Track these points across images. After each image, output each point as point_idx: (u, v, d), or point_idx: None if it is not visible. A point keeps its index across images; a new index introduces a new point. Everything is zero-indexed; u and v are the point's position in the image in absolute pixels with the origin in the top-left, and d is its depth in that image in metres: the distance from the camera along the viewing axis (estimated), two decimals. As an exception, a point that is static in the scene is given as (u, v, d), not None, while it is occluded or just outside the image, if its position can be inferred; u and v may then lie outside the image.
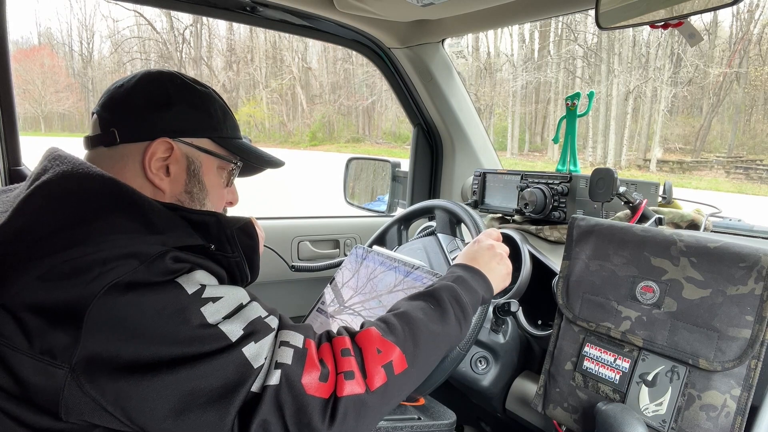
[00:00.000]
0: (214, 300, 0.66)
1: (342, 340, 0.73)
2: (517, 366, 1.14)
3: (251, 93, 30.37)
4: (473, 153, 1.89)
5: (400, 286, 1.06)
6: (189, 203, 0.81)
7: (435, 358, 0.80)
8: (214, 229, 0.77)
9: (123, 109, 0.78)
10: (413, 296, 0.85)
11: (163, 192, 0.79)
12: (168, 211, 0.73)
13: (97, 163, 0.76)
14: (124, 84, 0.80)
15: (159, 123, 0.78)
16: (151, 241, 0.67)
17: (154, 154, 0.77)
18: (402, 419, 0.93)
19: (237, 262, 0.79)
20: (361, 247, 1.24)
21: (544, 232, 1.29)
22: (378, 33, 1.70)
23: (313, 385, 0.67)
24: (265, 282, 1.73)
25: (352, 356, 0.71)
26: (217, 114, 0.83)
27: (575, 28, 21.21)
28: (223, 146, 0.84)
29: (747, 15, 18.57)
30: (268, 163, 0.92)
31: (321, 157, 21.13)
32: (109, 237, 0.64)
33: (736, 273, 0.77)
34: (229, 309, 0.67)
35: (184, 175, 0.80)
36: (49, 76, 27.97)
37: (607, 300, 0.90)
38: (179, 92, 0.80)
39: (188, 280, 0.66)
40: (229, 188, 0.89)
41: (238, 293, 0.70)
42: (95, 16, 32.00)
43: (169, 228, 0.70)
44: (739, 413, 0.74)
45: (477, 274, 0.91)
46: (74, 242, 0.63)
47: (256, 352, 0.65)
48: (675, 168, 18.32)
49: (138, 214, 0.69)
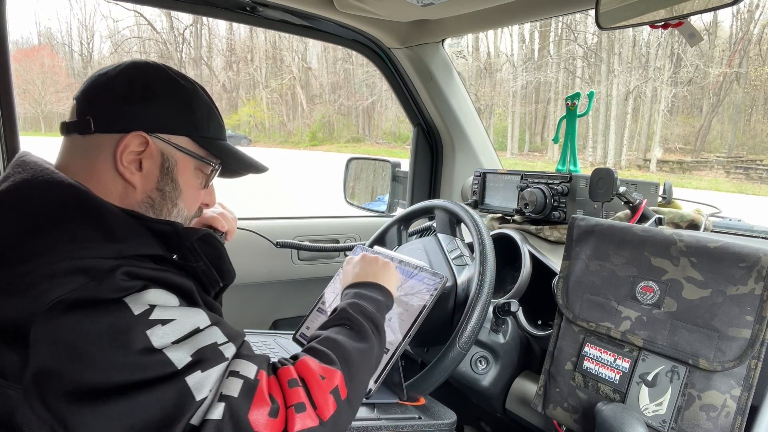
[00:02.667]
0: (163, 323, 0.62)
1: (287, 370, 0.70)
2: (517, 366, 1.14)
3: (251, 93, 30.37)
4: (473, 153, 1.89)
5: (401, 287, 1.06)
6: (160, 201, 0.77)
7: (368, 377, 0.79)
8: (174, 239, 0.74)
9: (101, 97, 0.75)
10: (323, 326, 0.84)
11: (134, 187, 0.75)
12: (128, 219, 0.71)
13: (70, 152, 0.75)
14: (108, 72, 0.77)
15: (136, 116, 0.74)
16: (108, 251, 0.64)
17: (127, 147, 0.73)
18: (402, 419, 0.93)
19: (203, 270, 0.77)
20: (362, 247, 1.24)
21: (544, 232, 1.29)
22: (378, 33, 1.70)
23: (261, 421, 0.62)
24: (266, 282, 1.73)
25: (300, 386, 0.68)
26: (200, 112, 0.80)
27: (575, 28, 21.21)
28: (204, 146, 0.80)
29: (747, 15, 18.57)
30: (249, 167, 0.87)
31: (321, 157, 21.12)
32: (63, 247, 0.62)
33: (736, 273, 0.77)
34: (179, 334, 0.63)
35: (156, 172, 0.76)
36: (49, 76, 27.96)
37: (607, 300, 0.90)
38: (163, 86, 0.77)
39: (137, 299, 0.62)
40: (206, 189, 0.86)
41: (196, 317, 0.66)
42: (95, 16, 32.02)
43: (128, 236, 0.68)
44: (739, 413, 0.74)
45: (368, 285, 0.93)
46: (30, 254, 0.61)
47: (200, 382, 0.61)
48: (675, 168, 18.31)
49: (96, 222, 0.66)
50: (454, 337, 0.98)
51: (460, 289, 1.10)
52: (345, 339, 0.78)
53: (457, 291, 1.10)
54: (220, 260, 0.80)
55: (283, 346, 1.18)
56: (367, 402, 0.96)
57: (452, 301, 1.09)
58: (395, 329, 1.00)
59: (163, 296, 0.65)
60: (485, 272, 1.02)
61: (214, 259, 0.79)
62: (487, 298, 1.00)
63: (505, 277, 1.30)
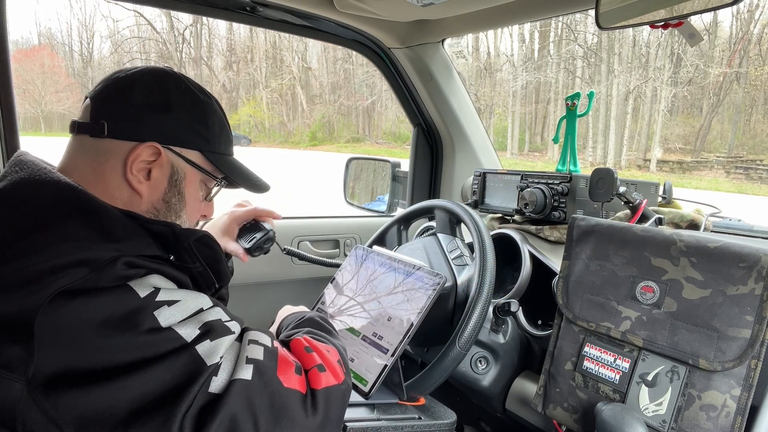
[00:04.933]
0: (169, 303, 0.64)
1: (298, 341, 0.76)
2: (517, 366, 1.14)
3: (251, 93, 30.36)
4: (473, 153, 1.89)
5: (401, 286, 1.06)
6: (165, 212, 0.78)
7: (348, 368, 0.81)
8: (171, 240, 0.74)
9: (118, 102, 0.74)
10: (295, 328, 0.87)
11: (141, 196, 0.75)
12: (126, 219, 0.71)
13: (78, 153, 0.75)
14: (127, 75, 0.76)
15: (153, 126, 0.74)
16: (106, 250, 0.64)
17: (139, 156, 0.73)
18: (402, 419, 0.93)
19: (199, 272, 0.77)
20: (362, 247, 1.24)
21: (544, 232, 1.29)
22: (378, 33, 1.70)
23: (291, 378, 0.67)
24: (266, 282, 1.73)
25: (313, 353, 0.74)
26: (214, 128, 0.80)
27: (575, 28, 21.21)
28: (212, 161, 0.81)
29: (747, 15, 18.57)
30: (253, 186, 0.89)
31: (321, 157, 21.12)
32: (61, 245, 0.62)
33: (736, 273, 0.77)
34: (185, 313, 0.65)
35: (165, 184, 0.77)
36: (49, 76, 27.95)
37: (607, 300, 0.90)
38: (181, 98, 0.77)
39: (141, 283, 0.63)
40: (207, 202, 0.87)
41: (199, 299, 0.68)
42: (95, 16, 32.01)
43: (125, 236, 0.68)
44: (739, 413, 0.74)
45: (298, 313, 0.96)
46: (26, 252, 0.61)
47: (210, 350, 0.63)
48: (675, 168, 18.31)
49: (93, 221, 0.67)
50: (454, 337, 0.98)
51: (460, 289, 1.10)
52: (325, 333, 0.85)
53: (457, 291, 1.10)
54: (217, 262, 0.80)
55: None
56: (367, 402, 0.96)
57: (452, 301, 1.09)
58: (395, 329, 1.00)
59: (164, 281, 0.67)
60: (485, 272, 1.02)
61: (210, 261, 0.79)
62: (487, 298, 1.00)
63: (505, 277, 1.30)
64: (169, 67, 0.81)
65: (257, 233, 1.10)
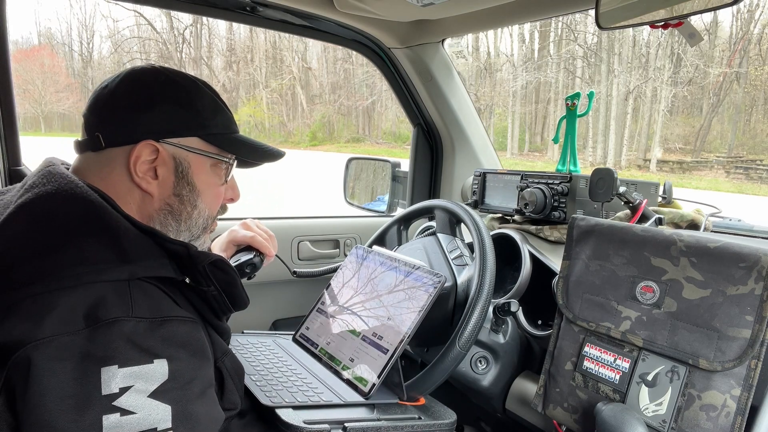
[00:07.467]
0: (123, 413, 0.59)
1: None
2: (517, 366, 1.14)
3: (251, 93, 30.35)
4: (473, 153, 1.89)
5: (401, 286, 1.06)
6: (179, 206, 0.78)
7: None
8: (186, 261, 0.73)
9: (106, 112, 0.76)
10: None
11: (152, 196, 0.76)
12: (143, 237, 0.70)
13: (86, 169, 0.75)
14: (108, 85, 0.77)
15: (142, 125, 0.75)
16: (120, 272, 0.64)
17: (139, 158, 0.74)
18: (402, 419, 0.93)
19: (214, 295, 0.76)
20: (362, 247, 1.24)
21: (544, 232, 1.29)
22: (378, 33, 1.70)
23: None
24: (266, 282, 1.73)
25: None
26: (205, 110, 0.79)
27: (575, 28, 21.20)
28: (214, 143, 0.80)
29: (747, 15, 18.57)
30: (264, 156, 0.87)
31: (321, 157, 21.12)
32: (75, 270, 0.62)
33: (736, 273, 0.77)
34: (130, 430, 0.59)
35: (171, 177, 0.77)
36: (49, 76, 27.94)
37: (607, 300, 0.90)
38: (163, 90, 0.77)
39: (114, 377, 0.59)
40: (228, 184, 0.86)
41: (159, 415, 0.61)
42: (95, 16, 31.98)
43: (141, 257, 0.68)
44: (739, 413, 0.74)
45: None
46: (40, 275, 0.62)
47: None
48: (675, 168, 18.30)
49: (111, 241, 0.66)
50: (454, 337, 0.98)
51: (460, 289, 1.10)
52: None
53: (457, 291, 1.10)
54: (232, 286, 0.78)
55: (283, 346, 1.18)
56: (367, 402, 0.96)
57: (452, 301, 1.09)
58: (395, 329, 1.00)
59: (150, 374, 0.62)
60: (485, 272, 1.02)
61: (225, 285, 0.77)
62: (487, 298, 1.00)
63: (505, 277, 1.30)
64: (150, 64, 0.81)
65: (244, 257, 1.09)
